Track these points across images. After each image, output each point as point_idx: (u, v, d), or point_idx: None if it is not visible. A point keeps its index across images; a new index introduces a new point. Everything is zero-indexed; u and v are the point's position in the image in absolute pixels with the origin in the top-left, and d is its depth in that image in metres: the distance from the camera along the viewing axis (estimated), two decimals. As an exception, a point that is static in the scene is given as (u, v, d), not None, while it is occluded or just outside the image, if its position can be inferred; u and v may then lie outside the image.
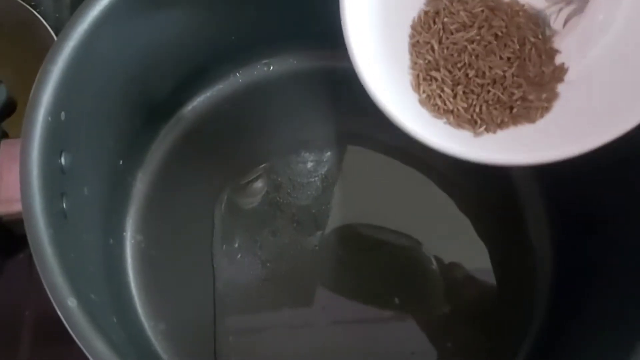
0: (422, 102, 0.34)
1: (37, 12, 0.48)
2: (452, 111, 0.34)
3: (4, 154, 0.34)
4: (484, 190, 0.46)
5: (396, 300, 0.42)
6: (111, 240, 0.41)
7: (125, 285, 0.41)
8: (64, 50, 0.33)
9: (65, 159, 0.33)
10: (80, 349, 0.28)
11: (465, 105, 0.34)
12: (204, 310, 0.41)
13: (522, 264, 0.44)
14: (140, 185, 0.44)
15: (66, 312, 0.28)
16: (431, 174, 0.46)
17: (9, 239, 0.34)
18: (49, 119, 0.32)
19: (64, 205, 0.33)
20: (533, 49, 0.34)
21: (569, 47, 0.35)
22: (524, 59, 0.34)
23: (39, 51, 0.39)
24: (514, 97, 0.34)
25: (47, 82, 0.32)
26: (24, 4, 0.48)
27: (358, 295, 0.42)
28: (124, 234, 0.42)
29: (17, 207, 0.31)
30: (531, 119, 0.33)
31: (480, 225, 0.45)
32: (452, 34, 0.35)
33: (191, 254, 0.43)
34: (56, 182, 0.32)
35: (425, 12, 0.36)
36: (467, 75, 0.34)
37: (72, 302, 0.28)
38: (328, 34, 0.47)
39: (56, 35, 0.45)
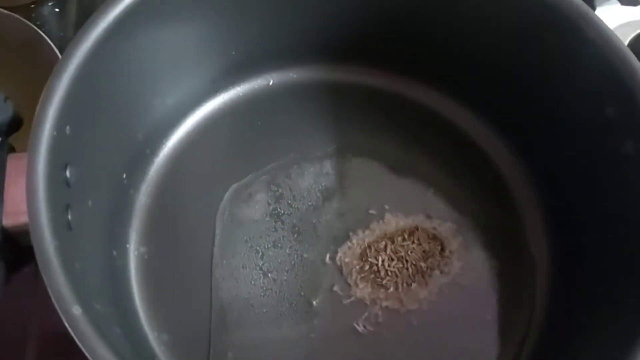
0: None
1: (42, 31, 0.49)
2: None
3: (11, 167, 0.34)
4: (481, 197, 0.46)
5: (398, 305, 0.43)
6: (115, 252, 0.41)
7: (128, 296, 0.41)
8: (68, 67, 0.34)
9: (70, 172, 0.34)
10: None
11: None
12: (207, 321, 0.41)
13: (520, 269, 0.44)
14: (143, 198, 0.45)
15: (71, 320, 0.28)
16: (430, 183, 0.47)
17: (16, 251, 0.35)
18: (55, 133, 0.32)
19: (69, 217, 0.33)
20: None
21: None
22: None
23: (43, 69, 0.39)
24: None
25: (53, 98, 0.33)
26: (29, 23, 0.49)
27: (360, 303, 0.43)
28: (128, 246, 0.43)
29: (23, 219, 0.31)
30: None
31: (478, 231, 0.45)
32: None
33: (194, 265, 0.43)
34: (61, 194, 0.33)
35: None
36: None
37: (77, 311, 0.29)
38: (327, 48, 0.49)
39: (61, 53, 0.46)
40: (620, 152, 0.38)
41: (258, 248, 0.44)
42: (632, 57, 0.38)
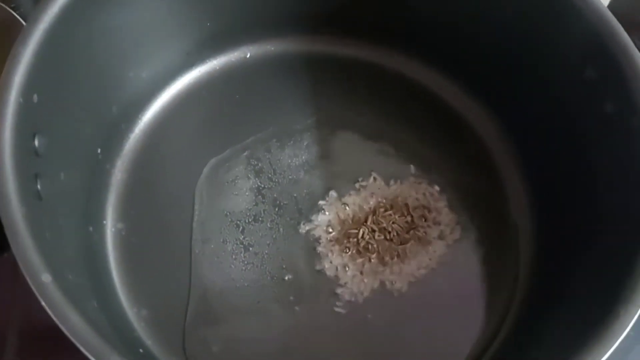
0: None
1: (17, 14, 0.48)
2: None
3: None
4: (462, 166, 0.46)
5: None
6: (91, 228, 0.40)
7: (106, 271, 0.40)
8: (34, 33, 0.33)
9: (39, 142, 0.33)
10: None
11: None
12: (186, 296, 0.41)
13: (503, 237, 0.44)
14: (120, 174, 0.44)
15: (40, 288, 0.28)
16: (410, 156, 0.46)
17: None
18: (21, 100, 0.32)
19: (39, 187, 0.33)
20: None
21: None
22: None
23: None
24: None
25: (18, 64, 0.32)
26: (4, 5, 0.48)
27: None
28: (104, 222, 0.42)
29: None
30: None
31: (461, 201, 0.45)
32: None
33: (173, 241, 0.43)
34: (30, 163, 0.32)
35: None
36: None
37: (46, 278, 0.28)
38: (305, 19, 0.48)
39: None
40: (600, 114, 0.38)
41: (238, 222, 0.43)
42: (612, 17, 0.38)
